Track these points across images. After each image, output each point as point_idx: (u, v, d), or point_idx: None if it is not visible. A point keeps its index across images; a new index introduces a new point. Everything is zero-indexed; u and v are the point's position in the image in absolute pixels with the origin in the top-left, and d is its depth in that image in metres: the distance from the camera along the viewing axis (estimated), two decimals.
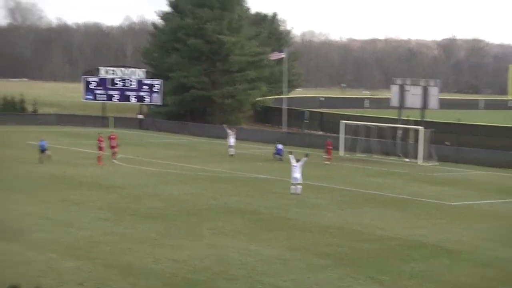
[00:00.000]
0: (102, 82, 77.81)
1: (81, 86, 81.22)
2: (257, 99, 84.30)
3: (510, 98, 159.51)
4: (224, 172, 43.47)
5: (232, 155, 52.05)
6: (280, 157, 51.92)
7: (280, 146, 52.96)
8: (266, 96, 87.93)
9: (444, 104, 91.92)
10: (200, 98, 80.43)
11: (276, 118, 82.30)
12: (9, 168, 41.03)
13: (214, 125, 76.77)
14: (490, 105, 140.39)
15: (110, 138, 46.72)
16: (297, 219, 28.81)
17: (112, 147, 46.44)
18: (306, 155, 36.21)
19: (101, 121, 75.78)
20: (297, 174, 34.32)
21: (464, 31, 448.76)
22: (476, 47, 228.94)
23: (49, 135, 58.78)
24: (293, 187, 34.49)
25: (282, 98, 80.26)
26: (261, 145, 62.77)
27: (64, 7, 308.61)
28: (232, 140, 52.98)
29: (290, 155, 35.53)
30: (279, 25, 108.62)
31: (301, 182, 34.45)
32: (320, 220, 28.87)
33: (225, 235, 25.21)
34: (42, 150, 44.10)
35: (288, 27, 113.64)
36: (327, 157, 51.37)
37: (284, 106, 75.28)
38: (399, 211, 31.78)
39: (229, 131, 53.69)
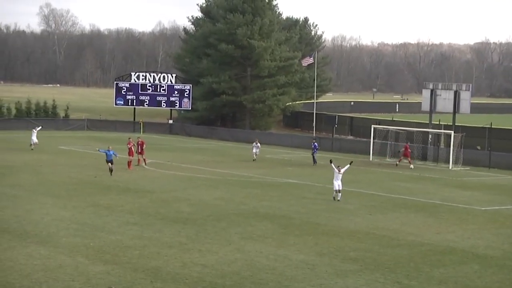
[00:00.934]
0: (133, 87, 78.45)
1: (112, 92, 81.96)
2: (287, 104, 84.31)
3: None
4: (254, 176, 43.51)
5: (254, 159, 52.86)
6: (314, 155, 52.12)
7: (316, 145, 53.24)
8: (296, 101, 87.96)
9: (477, 108, 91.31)
10: (230, 103, 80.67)
11: (306, 123, 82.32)
12: (41, 173, 41.48)
13: (243, 130, 77.02)
14: None
15: (138, 144, 46.90)
16: (326, 224, 28.73)
17: (140, 153, 46.59)
18: (350, 163, 36.37)
19: (132, 126, 76.37)
20: (339, 181, 34.22)
21: (497, 34, 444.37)
22: (510, 51, 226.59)
23: (80, 140, 59.49)
24: (334, 194, 34.41)
25: (312, 102, 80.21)
26: (291, 149, 62.72)
27: (97, 14, 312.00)
28: (255, 150, 53.87)
29: (331, 164, 35.39)
30: (310, 30, 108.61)
31: (340, 189, 34.39)
32: (349, 225, 28.76)
33: (254, 240, 25.21)
34: (109, 160, 41.07)
35: (319, 32, 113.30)
36: (409, 160, 51.77)
37: (314, 111, 75.17)
38: (429, 216, 31.52)
39: (254, 144, 54.38)
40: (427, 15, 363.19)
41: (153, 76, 79.77)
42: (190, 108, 79.51)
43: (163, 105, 79.12)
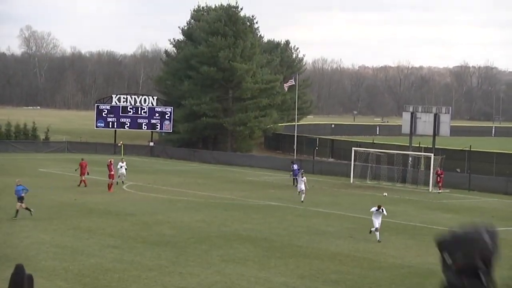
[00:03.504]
0: (114, 110, 78.26)
1: (93, 114, 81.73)
2: (268, 126, 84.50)
3: None
4: (236, 199, 43.44)
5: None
6: (295, 177, 52.27)
7: (295, 167, 53.37)
8: (277, 123, 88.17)
9: (456, 131, 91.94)
10: (212, 126, 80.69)
11: (287, 145, 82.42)
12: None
13: (225, 152, 76.99)
14: (503, 132, 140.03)
15: (80, 165, 47.37)
16: (307, 246, 28.70)
17: (82, 173, 46.92)
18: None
19: (112, 148, 76.10)
20: (378, 219, 30.83)
21: (476, 58, 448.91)
22: (488, 74, 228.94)
23: (60, 163, 59.14)
24: (374, 231, 30.74)
25: (293, 125, 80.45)
26: (273, 172, 62.73)
27: (78, 36, 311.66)
28: (300, 187, 44.02)
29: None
30: (291, 53, 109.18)
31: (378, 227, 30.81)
32: (330, 247, 28.76)
33: (235, 263, 25.13)
34: (18, 198, 33.29)
35: (300, 55, 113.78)
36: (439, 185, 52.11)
37: (295, 133, 75.38)
38: (410, 239, 31.60)
39: (300, 178, 45.14)
40: (407, 38, 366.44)
41: (134, 98, 79.67)
42: (171, 131, 79.41)
43: (144, 127, 78.95)
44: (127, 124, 78.53)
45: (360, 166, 57.57)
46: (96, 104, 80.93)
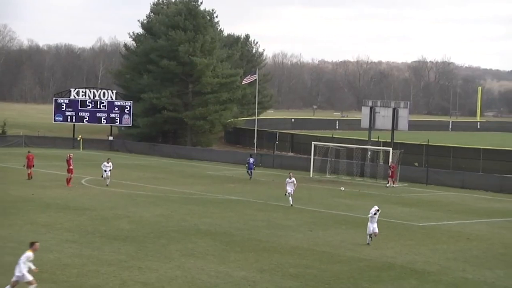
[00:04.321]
0: (72, 104, 77.48)
1: (51, 108, 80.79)
2: (228, 120, 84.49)
3: (479, 120, 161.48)
4: (195, 193, 43.36)
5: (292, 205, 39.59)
6: (250, 171, 52.64)
7: (251, 160, 53.67)
8: (237, 117, 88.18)
9: (414, 126, 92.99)
10: (172, 120, 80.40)
11: (247, 139, 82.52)
12: None
13: (185, 147, 76.82)
14: (459, 127, 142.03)
15: (27, 157, 46.97)
16: (267, 241, 28.77)
17: (29, 166, 46.35)
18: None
19: (71, 142, 75.33)
20: (374, 224, 28.99)
21: (433, 53, 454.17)
22: (445, 70, 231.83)
23: (17, 157, 58.32)
24: (369, 238, 29.02)
25: (253, 119, 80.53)
26: (233, 166, 62.74)
27: (36, 29, 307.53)
28: (289, 189, 40.07)
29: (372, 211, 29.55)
30: (251, 47, 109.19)
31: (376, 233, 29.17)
32: (290, 241, 28.87)
33: (195, 257, 25.08)
34: None
35: (260, 49, 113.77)
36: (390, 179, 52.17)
37: (255, 128, 75.48)
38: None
39: (288, 179, 40.50)
40: (366, 33, 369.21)
41: (93, 92, 78.98)
42: (131, 125, 78.93)
43: (103, 121, 78.32)
44: (86, 118, 77.83)
45: (319, 160, 57.90)
46: (54, 98, 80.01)
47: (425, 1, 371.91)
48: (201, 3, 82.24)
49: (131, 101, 78.58)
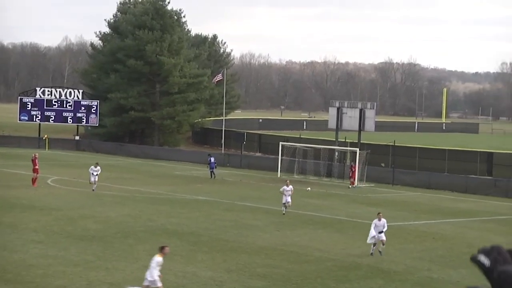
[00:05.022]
0: (38, 103, 76.70)
1: (16, 107, 79.87)
2: (196, 120, 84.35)
3: (444, 121, 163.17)
4: (163, 193, 43.19)
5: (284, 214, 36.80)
6: (212, 170, 53.06)
7: (212, 159, 54.06)
8: (205, 117, 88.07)
9: (381, 127, 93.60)
10: (139, 120, 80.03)
11: (215, 139, 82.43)
12: None
13: (152, 147, 76.52)
14: (425, 128, 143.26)
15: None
16: (235, 241, 28.77)
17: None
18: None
19: (37, 142, 74.58)
20: (381, 234, 27.19)
21: (399, 55, 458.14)
22: (411, 71, 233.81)
23: None
24: (372, 247, 27.18)
25: (221, 119, 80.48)
26: (200, 166, 62.59)
27: (0, 27, 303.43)
28: (287, 199, 36.93)
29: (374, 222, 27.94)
30: (219, 47, 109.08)
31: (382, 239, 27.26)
32: (257, 241, 28.90)
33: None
34: None
35: (228, 49, 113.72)
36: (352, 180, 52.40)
37: (223, 128, 75.44)
38: (336, 233, 32.04)
39: (285, 187, 37.52)
40: (332, 34, 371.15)
41: (59, 91, 78.26)
42: (97, 124, 78.35)
43: (70, 121, 77.64)
44: (52, 117, 77.08)
45: (287, 161, 58.05)
46: (19, 97, 79.11)
47: (391, 2, 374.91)
48: (168, 2, 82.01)
49: (98, 101, 78.02)
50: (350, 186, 51.85)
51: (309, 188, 48.56)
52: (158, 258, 18.92)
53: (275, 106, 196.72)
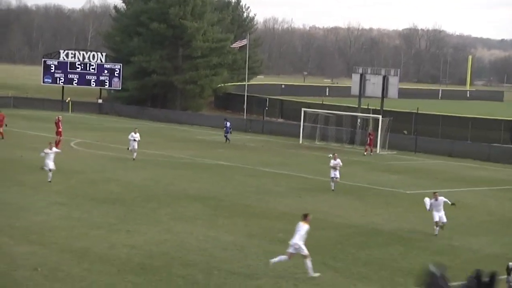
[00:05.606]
0: (61, 66, 76.98)
1: (40, 69, 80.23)
2: (218, 85, 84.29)
3: (469, 89, 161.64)
4: (184, 158, 43.37)
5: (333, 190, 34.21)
6: (226, 135, 53.07)
7: (228, 124, 54.06)
8: (227, 82, 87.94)
9: (404, 94, 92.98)
10: (161, 83, 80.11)
11: (237, 104, 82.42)
12: None
13: (174, 111, 76.70)
14: (449, 95, 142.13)
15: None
16: (256, 206, 28.90)
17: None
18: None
19: (60, 104, 75.03)
20: (441, 212, 25.43)
21: (425, 21, 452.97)
22: (436, 37, 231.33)
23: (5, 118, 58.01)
24: (436, 228, 25.38)
25: (243, 84, 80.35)
26: (222, 131, 62.67)
27: None
28: (335, 173, 34.15)
29: (426, 199, 26.16)
30: (242, 12, 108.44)
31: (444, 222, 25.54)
32: (278, 207, 29.01)
33: (183, 221, 25.18)
34: None
35: (251, 14, 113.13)
36: (368, 147, 52.01)
37: (245, 93, 75.34)
38: (357, 200, 32.05)
39: (333, 161, 34.49)
40: (357, 0, 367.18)
41: (83, 54, 78.43)
42: (120, 88, 78.58)
43: (93, 84, 77.92)
44: (75, 80, 77.41)
45: (309, 127, 57.97)
46: (43, 59, 79.44)
47: None
48: None
49: (121, 64, 78.11)
50: (365, 153, 51.45)
51: (331, 155, 48.40)
52: (305, 226, 19.15)
53: (297, 72, 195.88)
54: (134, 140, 40.75)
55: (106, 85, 78.24)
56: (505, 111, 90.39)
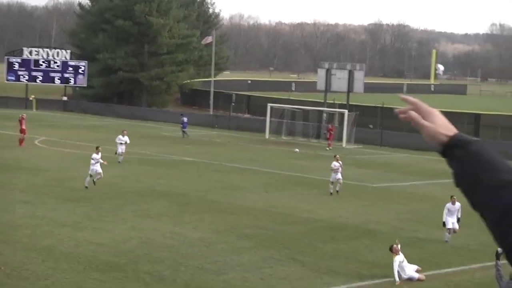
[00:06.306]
0: (25, 63, 76.02)
1: (3, 67, 79.14)
2: (184, 81, 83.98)
3: (433, 82, 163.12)
4: (151, 154, 43.12)
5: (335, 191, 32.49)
6: (184, 129, 53.12)
7: (185, 119, 54.09)
8: (194, 78, 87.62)
9: (370, 88, 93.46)
10: (127, 80, 79.54)
11: (204, 100, 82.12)
12: None
13: (140, 107, 76.21)
14: (414, 89, 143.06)
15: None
16: (223, 202, 28.81)
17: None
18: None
19: (24, 102, 74.11)
20: (453, 218, 24.04)
21: (389, 16, 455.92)
22: (401, 32, 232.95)
23: None
24: (446, 233, 24.11)
25: (210, 80, 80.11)
26: (189, 128, 62.40)
27: None
28: (336, 176, 32.23)
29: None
30: (208, 8, 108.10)
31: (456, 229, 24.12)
32: (245, 202, 28.96)
33: (150, 218, 25.01)
34: None
35: (217, 10, 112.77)
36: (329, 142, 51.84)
37: (212, 89, 75.13)
38: (324, 194, 32.10)
39: (335, 163, 32.50)
40: None
41: (47, 51, 77.54)
42: (85, 85, 77.84)
43: (57, 81, 77.05)
44: (39, 78, 76.49)
45: (275, 122, 57.99)
46: (6, 57, 78.34)
47: None
48: None
49: (86, 61, 77.40)
50: (328, 148, 51.43)
51: (297, 150, 48.58)
52: (396, 257, 18.87)
53: (264, 67, 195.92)
54: (121, 143, 39.17)
55: (71, 82, 77.47)
56: (469, 104, 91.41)
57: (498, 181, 2.38)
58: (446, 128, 2.56)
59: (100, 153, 31.17)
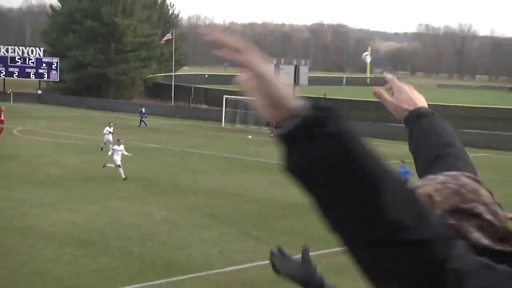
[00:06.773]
0: (2, 60, 74.37)
1: None
2: (148, 76, 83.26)
3: (368, 76, 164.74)
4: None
5: None
6: (142, 119, 52.59)
7: (143, 110, 53.69)
8: (156, 73, 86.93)
9: (314, 81, 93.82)
10: (96, 75, 78.47)
11: (166, 93, 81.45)
12: None
13: (108, 99, 75.28)
14: (352, 82, 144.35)
15: None
16: (185, 184, 28.55)
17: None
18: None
19: (1, 96, 72.50)
20: None
21: (330, 17, 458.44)
22: (340, 31, 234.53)
23: None
24: None
25: (171, 75, 79.50)
26: (152, 117, 61.78)
27: None
28: None
29: None
30: (168, 9, 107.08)
31: None
32: (205, 184, 28.73)
33: (119, 199, 24.63)
34: None
35: (176, 11, 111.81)
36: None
37: (173, 83, 74.51)
38: (275, 176, 31.96)
39: None
40: None
41: (22, 49, 76.00)
42: (58, 80, 76.52)
43: (32, 76, 75.62)
44: (15, 73, 74.97)
45: (230, 112, 57.78)
46: None
47: None
48: None
49: (58, 58, 76.06)
50: (272, 135, 51.51)
51: (250, 136, 48.50)
52: None
53: (219, 63, 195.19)
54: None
55: (45, 77, 76.09)
56: None
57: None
58: (407, 103, 2.33)
59: (122, 145, 30.09)
